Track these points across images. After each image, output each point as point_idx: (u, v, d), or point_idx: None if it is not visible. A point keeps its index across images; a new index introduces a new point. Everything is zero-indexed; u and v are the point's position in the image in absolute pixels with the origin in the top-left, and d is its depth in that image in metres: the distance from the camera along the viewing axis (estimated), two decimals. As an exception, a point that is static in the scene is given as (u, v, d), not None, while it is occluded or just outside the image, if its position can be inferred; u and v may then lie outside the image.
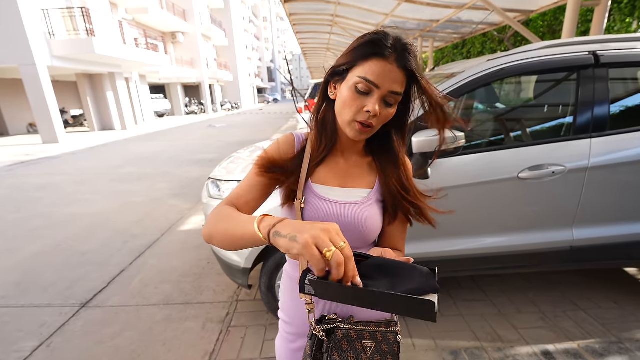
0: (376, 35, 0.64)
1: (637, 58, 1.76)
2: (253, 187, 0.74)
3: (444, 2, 5.00)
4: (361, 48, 0.64)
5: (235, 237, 0.59)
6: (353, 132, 0.68)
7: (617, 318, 1.96)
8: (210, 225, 0.65)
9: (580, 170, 1.73)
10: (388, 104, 0.66)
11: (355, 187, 0.77)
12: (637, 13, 4.67)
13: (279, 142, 0.79)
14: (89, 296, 2.45)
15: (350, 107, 0.66)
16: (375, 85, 0.63)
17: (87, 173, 6.63)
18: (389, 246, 0.80)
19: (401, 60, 0.62)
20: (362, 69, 0.64)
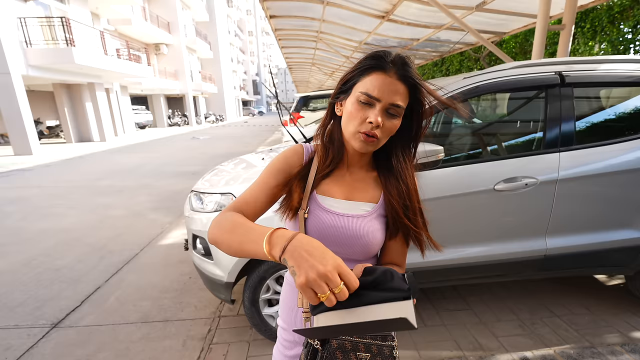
0: (377, 52, 0.68)
1: (599, 78, 1.91)
2: (260, 193, 0.76)
3: (424, 22, 5.24)
4: (363, 64, 0.68)
5: (245, 252, 0.60)
6: (358, 143, 0.70)
7: (589, 323, 2.04)
8: (216, 231, 0.65)
9: (551, 183, 1.83)
10: (391, 115, 0.68)
11: (360, 201, 0.78)
12: (598, 37, 5.04)
13: (287, 153, 0.81)
14: (60, 316, 2.33)
15: (354, 119, 0.69)
16: (375, 98, 0.66)
17: (62, 186, 6.38)
18: (389, 261, 0.81)
19: (401, 73, 0.66)
20: (363, 84, 0.67)
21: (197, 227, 2.02)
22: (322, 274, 0.48)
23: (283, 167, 0.78)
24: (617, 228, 1.93)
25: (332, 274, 0.48)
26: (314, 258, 0.50)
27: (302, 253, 0.51)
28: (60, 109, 13.57)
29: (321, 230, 0.75)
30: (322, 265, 0.48)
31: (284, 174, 0.78)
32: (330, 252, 0.52)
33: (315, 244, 0.52)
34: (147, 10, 19.92)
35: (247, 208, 0.74)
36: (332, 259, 0.50)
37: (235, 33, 43.03)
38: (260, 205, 0.76)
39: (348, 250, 0.76)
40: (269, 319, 1.96)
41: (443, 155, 1.71)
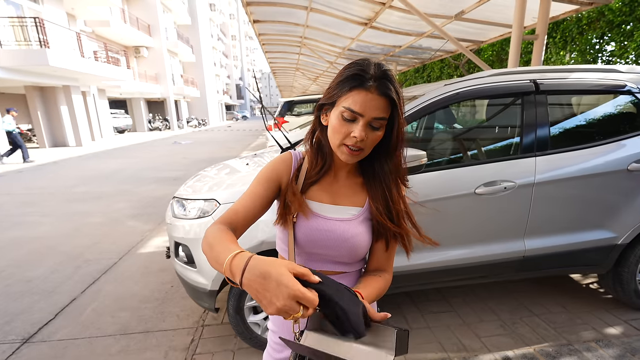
0: (358, 67, 0.69)
1: (570, 86, 2.01)
2: (250, 203, 0.77)
3: (405, 30, 5.37)
4: (345, 81, 0.70)
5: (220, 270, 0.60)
6: (344, 156, 0.73)
7: (566, 321, 2.12)
8: (203, 244, 0.67)
9: (528, 186, 1.89)
10: (374, 128, 0.70)
11: (346, 205, 0.80)
12: (568, 47, 5.31)
13: (276, 161, 0.83)
14: (32, 330, 2.21)
15: (338, 132, 0.71)
16: (358, 114, 0.68)
17: (35, 193, 6.09)
18: (375, 264, 0.82)
19: (381, 89, 0.67)
20: (346, 100, 0.69)
21: (180, 234, 1.97)
22: (280, 309, 0.49)
23: (271, 176, 0.81)
24: (590, 229, 2.02)
25: (288, 305, 0.49)
26: (269, 292, 0.49)
27: (257, 287, 0.51)
28: (32, 112, 13.00)
29: (308, 234, 0.77)
30: (277, 300, 0.49)
31: (273, 183, 0.80)
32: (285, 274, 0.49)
33: (267, 270, 0.50)
34: (127, 12, 19.49)
35: (236, 218, 0.75)
36: (285, 289, 0.48)
37: (218, 37, 42.64)
38: (250, 214, 0.77)
39: (335, 252, 0.78)
40: (254, 326, 1.92)
41: (426, 160, 1.75)
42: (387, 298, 2.29)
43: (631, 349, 1.83)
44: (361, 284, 0.75)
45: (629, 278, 2.09)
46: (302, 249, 0.79)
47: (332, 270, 0.81)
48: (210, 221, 1.86)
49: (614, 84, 2.01)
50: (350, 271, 0.82)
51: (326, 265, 0.81)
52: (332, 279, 0.56)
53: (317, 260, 0.81)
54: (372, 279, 0.78)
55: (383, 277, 0.80)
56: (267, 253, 1.82)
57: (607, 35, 4.70)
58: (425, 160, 1.74)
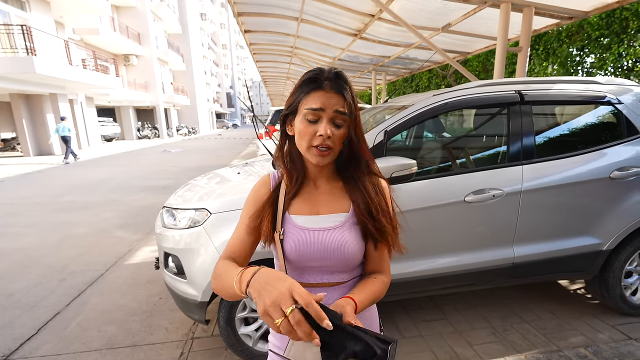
0: (313, 73, 0.74)
1: (554, 97, 2.08)
2: (243, 234, 0.80)
3: (394, 41, 5.49)
4: (302, 86, 0.74)
5: (232, 295, 0.65)
6: (315, 158, 0.74)
7: (555, 327, 2.14)
8: (214, 282, 0.72)
9: (516, 194, 1.94)
10: (337, 125, 0.73)
11: (331, 213, 0.80)
12: (551, 58, 5.50)
13: (257, 185, 0.86)
14: (13, 346, 2.13)
15: (305, 135, 0.73)
16: (320, 109, 0.71)
17: (18, 203, 5.92)
18: (371, 267, 0.82)
19: (336, 87, 0.72)
20: (306, 102, 0.73)
21: (169, 244, 1.94)
22: (275, 297, 0.52)
23: (254, 201, 0.83)
24: (576, 235, 2.07)
25: (284, 295, 0.52)
26: (270, 285, 0.54)
27: (261, 283, 0.56)
28: (17, 120, 12.71)
29: (297, 249, 0.76)
30: (276, 290, 0.53)
31: (256, 207, 0.82)
32: (289, 278, 0.56)
33: (275, 274, 0.57)
34: (116, 20, 19.40)
35: (236, 253, 0.79)
36: (286, 283, 0.54)
37: (209, 46, 42.72)
38: (246, 245, 0.80)
39: (329, 262, 0.77)
40: (245, 338, 1.89)
41: (416, 168, 1.77)
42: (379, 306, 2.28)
43: (619, 354, 1.86)
44: (356, 288, 0.75)
45: (614, 283, 2.14)
46: (294, 264, 0.78)
47: (329, 282, 0.79)
48: (201, 231, 1.83)
49: (594, 95, 2.09)
50: (347, 280, 0.81)
51: (322, 277, 0.79)
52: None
53: (312, 273, 0.79)
54: (367, 281, 0.78)
55: (379, 279, 0.79)
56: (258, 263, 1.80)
57: (587, 47, 4.89)
58: (415, 169, 1.77)
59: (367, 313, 0.84)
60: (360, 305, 0.70)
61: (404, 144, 3.06)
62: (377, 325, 0.88)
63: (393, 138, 1.98)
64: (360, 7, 4.22)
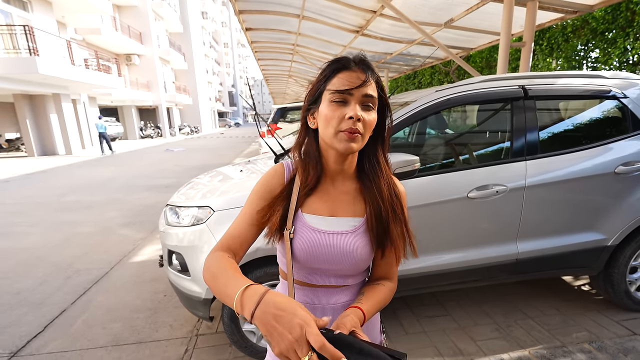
0: (337, 58, 0.70)
1: (558, 92, 2.06)
2: (245, 224, 0.75)
3: (396, 37, 5.46)
4: (326, 69, 0.70)
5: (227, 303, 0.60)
6: (343, 144, 0.67)
7: (560, 323, 2.14)
8: (206, 274, 0.67)
9: (519, 189, 1.93)
10: (367, 108, 0.68)
11: (346, 216, 0.76)
12: (555, 54, 5.45)
13: (268, 176, 0.79)
14: (20, 343, 2.15)
15: (332, 119, 0.67)
16: (348, 92, 0.66)
17: (23, 202, 5.97)
18: (379, 273, 0.80)
19: (364, 67, 0.68)
20: (332, 85, 0.67)
21: (173, 242, 1.95)
22: (290, 343, 0.49)
23: (264, 192, 0.77)
24: (581, 231, 2.06)
25: (299, 341, 0.49)
26: (282, 325, 0.50)
27: (270, 321, 0.51)
28: (21, 120, 12.80)
29: (308, 250, 0.73)
30: (290, 334, 0.49)
31: (266, 200, 0.76)
32: (299, 310, 0.51)
33: (282, 304, 0.52)
34: (118, 20, 19.44)
35: (234, 243, 0.74)
36: (299, 324, 0.50)
37: (210, 44, 42.72)
38: (246, 236, 0.75)
39: (337, 267, 0.75)
40: (249, 335, 1.90)
41: (419, 165, 1.77)
42: (383, 303, 2.28)
43: (623, 349, 1.86)
44: (363, 296, 0.73)
45: (619, 279, 2.13)
46: (301, 264, 0.75)
47: (334, 284, 0.77)
48: (204, 228, 1.84)
49: (599, 89, 2.07)
50: (352, 284, 0.79)
51: (328, 280, 0.77)
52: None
53: (319, 274, 0.77)
54: (375, 289, 0.76)
55: (387, 287, 0.77)
56: (262, 260, 1.81)
57: (591, 42, 4.84)
58: (418, 165, 1.77)
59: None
60: (367, 316, 0.68)
61: (406, 141, 3.05)
62: (378, 327, 0.86)
63: (396, 135, 1.97)
64: (362, 4, 4.20)
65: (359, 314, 0.66)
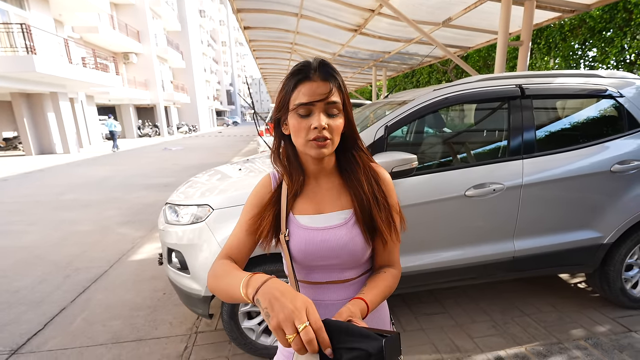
0: (296, 67, 0.72)
1: (555, 91, 2.08)
2: (242, 234, 0.79)
3: (394, 36, 5.46)
4: (289, 81, 0.72)
5: (234, 298, 0.63)
6: (314, 151, 0.71)
7: (556, 320, 2.16)
8: (210, 280, 0.71)
9: (516, 188, 1.94)
10: (332, 115, 0.70)
11: (334, 210, 0.78)
12: (552, 52, 5.47)
13: (258, 187, 0.83)
14: (20, 341, 2.16)
15: (300, 130, 0.71)
16: (309, 103, 0.68)
17: (21, 201, 5.96)
18: (380, 261, 0.81)
19: (322, 74, 0.70)
20: (296, 97, 0.70)
21: (172, 240, 1.95)
22: (289, 312, 0.51)
23: (256, 202, 0.81)
24: (577, 229, 2.08)
25: (299, 311, 0.51)
26: (285, 298, 0.53)
27: (274, 293, 0.54)
28: (19, 119, 12.75)
29: (304, 249, 0.76)
30: (291, 305, 0.52)
31: (257, 207, 0.80)
32: (302, 295, 0.55)
33: (287, 287, 0.56)
34: (115, 18, 19.33)
35: (234, 252, 0.78)
36: (302, 299, 0.53)
37: (208, 43, 42.55)
38: (245, 246, 0.79)
39: (336, 261, 0.77)
40: (248, 332, 1.91)
41: (416, 163, 1.78)
42: (381, 301, 2.29)
43: (619, 346, 1.88)
44: (365, 287, 0.74)
45: (615, 277, 2.15)
46: (301, 264, 0.78)
47: (338, 280, 0.79)
48: (203, 227, 1.85)
49: (595, 89, 2.09)
50: (357, 277, 0.80)
51: (331, 275, 0.79)
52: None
53: (320, 272, 0.79)
54: (377, 277, 0.77)
55: (389, 273, 0.78)
56: (260, 259, 1.82)
57: (589, 41, 4.86)
58: (416, 163, 1.78)
59: (377, 313, 0.83)
60: (371, 305, 0.69)
61: (404, 139, 3.07)
62: (387, 321, 0.88)
63: (393, 133, 1.98)
64: (360, 2, 4.20)
65: (360, 304, 0.67)
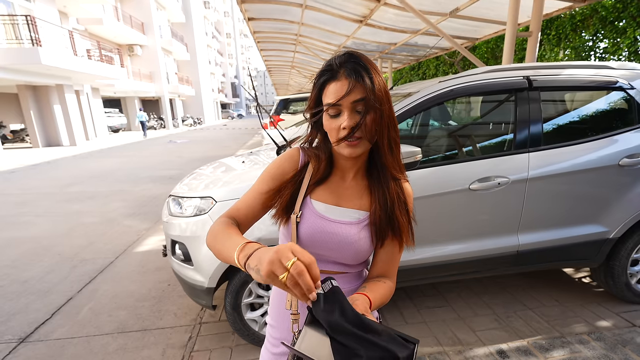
0: (325, 64, 0.70)
1: (563, 83, 2.03)
2: (253, 200, 0.78)
3: (400, 27, 5.37)
4: (318, 80, 0.71)
5: (226, 259, 0.63)
6: (346, 150, 0.70)
7: (559, 314, 2.15)
8: (208, 237, 0.70)
9: (521, 182, 1.92)
10: (360, 113, 0.67)
11: (351, 208, 0.78)
12: (562, 44, 5.35)
13: (283, 159, 0.81)
14: (29, 330, 2.21)
15: (331, 131, 0.70)
16: (337, 104, 0.67)
17: (29, 193, 6.04)
18: (379, 270, 0.79)
19: (347, 72, 0.66)
20: (324, 98, 0.70)
21: (176, 232, 1.97)
22: (275, 252, 0.51)
23: (276, 174, 0.79)
24: (583, 223, 2.05)
25: (284, 251, 0.51)
26: (270, 249, 0.53)
27: (262, 251, 0.54)
28: (25, 111, 12.85)
29: (312, 235, 0.76)
30: (276, 249, 0.52)
31: (277, 181, 0.78)
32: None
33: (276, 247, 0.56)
34: (120, 9, 19.27)
35: (239, 215, 0.76)
36: (286, 244, 0.53)
37: (212, 35, 42.32)
38: (252, 212, 0.78)
39: (338, 255, 0.77)
40: (251, 323, 1.93)
41: (421, 156, 1.76)
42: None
43: (622, 341, 1.87)
44: (367, 288, 0.73)
45: (620, 271, 2.13)
46: (304, 248, 0.77)
47: (333, 270, 0.79)
48: (206, 219, 1.86)
49: (606, 80, 2.04)
50: (351, 272, 0.81)
51: (328, 266, 0.79)
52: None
53: (319, 261, 0.78)
54: (377, 284, 0.76)
55: (387, 284, 0.77)
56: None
57: (601, 32, 4.74)
58: (421, 156, 1.76)
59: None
60: (373, 305, 0.68)
61: (409, 132, 3.04)
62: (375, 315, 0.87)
63: (398, 126, 1.96)
64: (366, -7, 4.13)
65: (366, 302, 0.66)
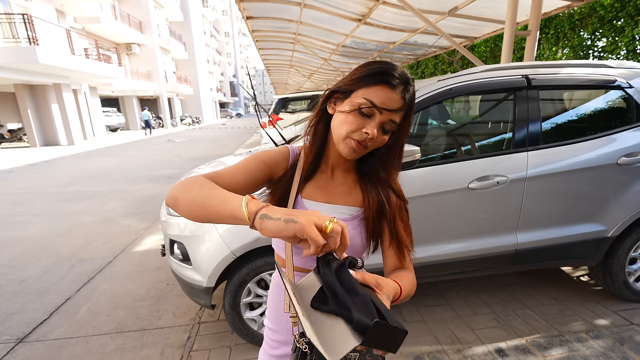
0: (385, 65, 0.66)
1: (562, 82, 2.03)
2: (238, 173, 0.72)
3: (399, 26, 5.37)
4: (369, 75, 0.66)
5: (210, 208, 0.58)
6: (347, 149, 0.69)
7: (557, 313, 2.16)
8: (180, 188, 0.62)
9: (520, 180, 1.92)
10: (385, 131, 0.68)
11: (342, 204, 0.77)
12: (561, 43, 5.35)
13: (275, 150, 0.80)
14: (27, 330, 2.20)
15: (349, 124, 0.66)
16: (378, 109, 0.65)
17: (26, 192, 6.01)
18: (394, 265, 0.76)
19: (405, 92, 0.66)
20: (368, 92, 0.65)
21: (175, 231, 1.96)
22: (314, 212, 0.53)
23: (267, 160, 0.77)
24: (581, 222, 2.06)
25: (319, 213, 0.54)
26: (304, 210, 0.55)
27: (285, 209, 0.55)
28: (23, 111, 12.80)
29: None
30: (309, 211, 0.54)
31: (266, 167, 0.76)
32: None
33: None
34: (117, 8, 19.19)
35: (220, 181, 0.69)
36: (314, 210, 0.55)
37: (211, 34, 42.19)
38: (235, 183, 0.71)
39: None
40: (250, 322, 1.93)
41: (420, 155, 1.76)
42: (383, 293, 2.30)
43: (620, 339, 1.88)
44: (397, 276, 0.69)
45: (618, 270, 2.14)
46: (298, 247, 0.77)
47: None
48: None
49: (604, 79, 2.04)
50: None
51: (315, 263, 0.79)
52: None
53: (312, 259, 0.77)
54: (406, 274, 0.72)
55: (411, 274, 0.74)
56: (263, 250, 1.82)
57: (599, 31, 4.74)
58: (419, 155, 1.76)
59: None
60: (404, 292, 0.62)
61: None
62: None
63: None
64: (364, -9, 4.12)
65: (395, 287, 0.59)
